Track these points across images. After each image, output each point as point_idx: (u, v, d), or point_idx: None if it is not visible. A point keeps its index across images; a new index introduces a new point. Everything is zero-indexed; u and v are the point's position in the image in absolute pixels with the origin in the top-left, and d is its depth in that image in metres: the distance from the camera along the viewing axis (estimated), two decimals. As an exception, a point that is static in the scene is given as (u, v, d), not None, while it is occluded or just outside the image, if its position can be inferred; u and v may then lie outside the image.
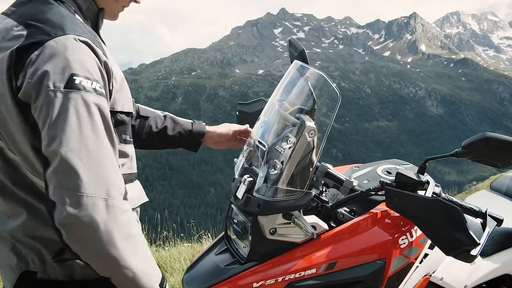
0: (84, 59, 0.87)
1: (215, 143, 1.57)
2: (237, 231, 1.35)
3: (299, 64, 1.38)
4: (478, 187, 18.57)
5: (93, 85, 0.87)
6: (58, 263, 0.97)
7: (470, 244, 1.14)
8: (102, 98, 0.89)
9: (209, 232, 4.59)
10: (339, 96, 1.22)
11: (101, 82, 0.90)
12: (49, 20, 0.90)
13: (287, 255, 1.26)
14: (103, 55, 0.93)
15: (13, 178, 0.97)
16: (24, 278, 0.98)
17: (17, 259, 0.99)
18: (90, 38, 0.92)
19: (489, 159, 1.24)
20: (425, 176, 1.32)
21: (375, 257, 1.28)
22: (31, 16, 0.92)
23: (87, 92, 0.86)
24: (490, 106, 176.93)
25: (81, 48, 0.88)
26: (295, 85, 1.36)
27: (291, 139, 1.21)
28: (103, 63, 0.93)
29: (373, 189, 1.34)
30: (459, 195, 10.13)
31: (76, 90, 0.84)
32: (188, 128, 1.51)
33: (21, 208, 0.97)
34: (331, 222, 1.37)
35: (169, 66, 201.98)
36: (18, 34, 0.89)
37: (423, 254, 1.40)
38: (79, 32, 0.90)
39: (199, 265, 1.39)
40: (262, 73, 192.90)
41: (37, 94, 0.84)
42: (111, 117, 0.94)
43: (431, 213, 1.19)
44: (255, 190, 1.22)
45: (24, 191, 0.96)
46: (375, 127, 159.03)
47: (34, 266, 0.98)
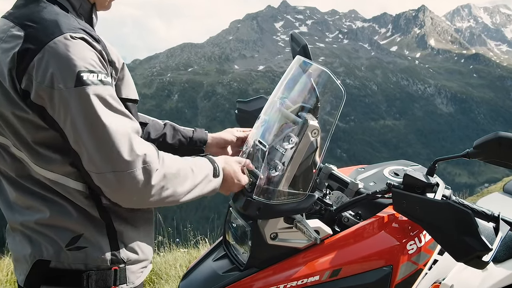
0: (85, 55, 0.97)
1: (219, 149, 1.57)
2: (236, 236, 1.35)
3: (301, 60, 1.38)
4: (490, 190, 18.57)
5: (98, 77, 0.98)
6: (72, 251, 1.07)
7: (482, 250, 1.14)
8: (108, 87, 1.00)
9: (207, 237, 4.60)
10: (343, 94, 1.22)
11: (104, 71, 1.01)
12: (44, 19, 0.99)
13: (289, 261, 1.26)
14: (101, 48, 1.03)
15: (21, 172, 1.06)
16: (37, 267, 1.07)
17: (31, 248, 1.08)
18: (85, 33, 1.01)
19: (502, 160, 1.24)
20: (435, 178, 1.32)
21: (381, 263, 1.28)
22: (26, 17, 1.01)
23: (95, 85, 0.96)
24: (503, 104, 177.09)
25: (79, 45, 0.97)
26: (297, 82, 1.36)
27: (293, 139, 1.21)
28: (102, 54, 1.02)
29: (379, 191, 1.34)
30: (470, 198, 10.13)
31: (86, 86, 0.95)
32: (188, 136, 1.53)
33: (33, 200, 1.06)
34: (335, 227, 1.37)
35: (164, 61, 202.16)
36: (15, 35, 0.99)
37: (432, 260, 1.40)
38: (74, 29, 0.99)
39: (196, 271, 1.39)
40: (263, 69, 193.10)
41: (51, 97, 0.95)
42: None
43: (440, 217, 1.19)
44: (255, 193, 1.23)
45: (34, 184, 1.06)
46: (382, 126, 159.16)
47: (47, 254, 1.07)
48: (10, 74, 0.96)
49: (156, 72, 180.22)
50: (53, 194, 1.06)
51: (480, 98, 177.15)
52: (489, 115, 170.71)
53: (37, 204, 1.06)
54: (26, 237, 1.09)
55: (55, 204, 1.06)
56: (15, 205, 1.10)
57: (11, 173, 1.08)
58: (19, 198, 1.08)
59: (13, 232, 1.14)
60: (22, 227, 1.09)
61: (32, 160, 1.03)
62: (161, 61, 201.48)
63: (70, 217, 1.06)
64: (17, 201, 1.09)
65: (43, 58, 0.94)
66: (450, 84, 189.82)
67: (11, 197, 1.11)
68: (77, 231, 1.07)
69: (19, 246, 1.11)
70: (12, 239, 1.14)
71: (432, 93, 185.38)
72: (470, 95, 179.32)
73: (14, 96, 0.97)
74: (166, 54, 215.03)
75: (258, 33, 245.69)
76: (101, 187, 0.99)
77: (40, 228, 1.07)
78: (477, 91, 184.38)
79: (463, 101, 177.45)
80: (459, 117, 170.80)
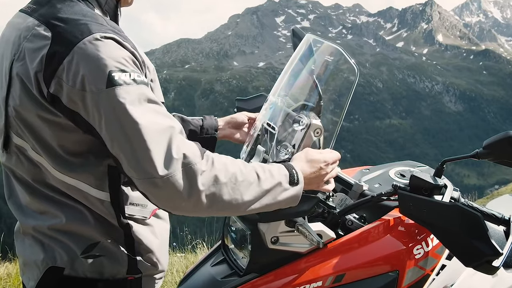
0: (115, 54, 0.95)
1: (234, 130, 1.53)
2: (235, 240, 1.35)
3: (311, 38, 1.35)
4: (500, 192, 18.60)
5: (131, 76, 0.95)
6: (87, 259, 1.06)
7: (492, 254, 1.14)
8: (142, 86, 0.97)
9: (204, 241, 4.60)
10: (356, 73, 1.21)
11: (138, 71, 0.99)
12: (72, 19, 0.98)
13: (290, 267, 1.26)
14: (132, 47, 1.00)
15: (37, 177, 1.05)
16: (50, 274, 1.06)
17: (44, 254, 1.06)
18: (115, 33, 0.99)
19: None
20: (442, 180, 1.32)
21: (387, 268, 1.28)
22: (52, 15, 0.99)
23: (128, 85, 0.94)
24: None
25: (109, 45, 0.95)
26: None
27: (304, 120, 1.20)
28: (134, 54, 1.00)
29: (385, 193, 1.34)
30: (479, 200, 10.15)
31: (117, 86, 0.92)
32: (199, 124, 1.51)
33: (48, 205, 1.05)
34: (338, 230, 1.37)
35: (160, 58, 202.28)
36: (42, 35, 0.97)
37: (440, 265, 1.40)
38: (103, 29, 0.97)
39: (194, 277, 1.39)
40: (263, 66, 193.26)
41: (84, 100, 0.93)
42: None
43: (449, 220, 1.19)
44: None
45: (50, 189, 1.05)
46: (387, 126, 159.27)
47: (61, 261, 1.05)
48: (36, 76, 0.95)
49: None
50: (70, 200, 1.05)
51: (490, 96, 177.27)
52: (499, 113, 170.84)
53: (52, 209, 1.05)
54: (38, 241, 1.08)
55: (72, 209, 1.05)
56: (28, 209, 1.09)
57: (26, 176, 1.07)
58: (33, 202, 1.07)
59: (23, 236, 1.12)
60: (34, 231, 1.08)
61: (52, 164, 1.02)
62: (156, 58, 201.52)
63: (87, 223, 1.05)
64: (31, 205, 1.08)
65: (73, 60, 0.92)
66: (458, 81, 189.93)
67: (24, 200, 1.10)
68: (94, 238, 1.06)
69: (28, 250, 1.10)
70: (21, 243, 1.13)
71: (440, 91, 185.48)
72: (479, 93, 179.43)
73: (40, 99, 0.96)
74: (162, 50, 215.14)
75: (258, 28, 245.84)
76: (145, 193, 0.95)
77: (54, 234, 1.06)
78: (487, 89, 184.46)
79: (473, 99, 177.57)
80: (468, 116, 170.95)
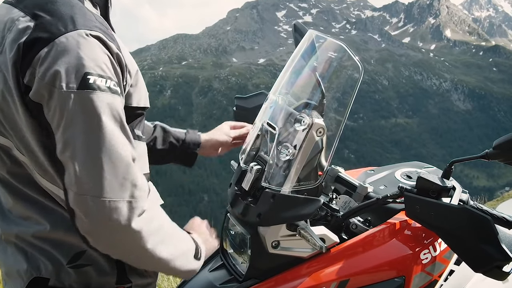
0: (97, 56, 0.92)
1: (213, 150, 1.60)
2: (235, 244, 1.35)
3: (314, 34, 1.36)
4: (511, 194, 18.59)
5: (107, 83, 0.92)
6: (74, 269, 1.04)
7: (502, 259, 1.14)
8: (116, 97, 0.95)
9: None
10: (361, 70, 1.21)
11: (115, 78, 0.96)
12: (58, 11, 0.95)
13: (292, 272, 1.26)
14: (117, 49, 0.98)
15: (22, 179, 1.03)
16: (34, 285, 1.03)
17: (27, 264, 1.04)
18: (102, 31, 0.97)
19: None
20: (451, 181, 1.32)
21: (393, 274, 1.28)
22: (38, 6, 0.96)
23: (102, 92, 0.91)
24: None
25: (93, 44, 0.93)
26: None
27: (306, 120, 1.21)
28: (117, 57, 0.98)
29: (390, 195, 1.34)
30: (489, 202, 10.15)
31: (91, 90, 0.90)
32: (181, 138, 1.53)
33: (33, 209, 1.03)
34: (342, 234, 1.37)
35: (156, 54, 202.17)
36: (24, 26, 0.94)
37: (448, 271, 1.40)
38: (90, 26, 0.95)
39: (191, 283, 1.39)
40: (263, 62, 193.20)
41: (50, 95, 0.90)
42: (126, 112, 1.00)
43: (457, 223, 1.19)
44: (263, 180, 1.22)
45: (35, 192, 1.03)
46: (393, 125, 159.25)
47: (46, 272, 1.03)
48: (15, 67, 0.92)
49: (147, 65, 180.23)
50: (55, 204, 1.03)
51: (501, 94, 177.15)
52: (510, 112, 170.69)
53: (36, 214, 1.03)
54: (21, 250, 1.05)
55: (57, 215, 1.02)
56: (11, 213, 1.07)
57: (10, 178, 1.04)
58: (16, 206, 1.05)
59: (5, 243, 1.09)
60: (17, 239, 1.06)
61: (33, 167, 1.00)
62: (152, 54, 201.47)
63: (72, 231, 0.99)
64: (14, 209, 1.06)
65: (50, 53, 0.89)
66: (467, 78, 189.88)
67: (6, 204, 1.08)
68: (80, 247, 1.03)
69: (11, 259, 1.07)
70: (3, 251, 1.10)
71: (448, 89, 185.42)
72: (489, 91, 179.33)
73: (16, 92, 0.93)
74: (158, 46, 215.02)
75: (259, 23, 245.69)
76: (75, 211, 0.91)
77: (38, 242, 1.03)
78: (497, 87, 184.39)
79: (482, 97, 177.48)
80: (477, 115, 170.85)
